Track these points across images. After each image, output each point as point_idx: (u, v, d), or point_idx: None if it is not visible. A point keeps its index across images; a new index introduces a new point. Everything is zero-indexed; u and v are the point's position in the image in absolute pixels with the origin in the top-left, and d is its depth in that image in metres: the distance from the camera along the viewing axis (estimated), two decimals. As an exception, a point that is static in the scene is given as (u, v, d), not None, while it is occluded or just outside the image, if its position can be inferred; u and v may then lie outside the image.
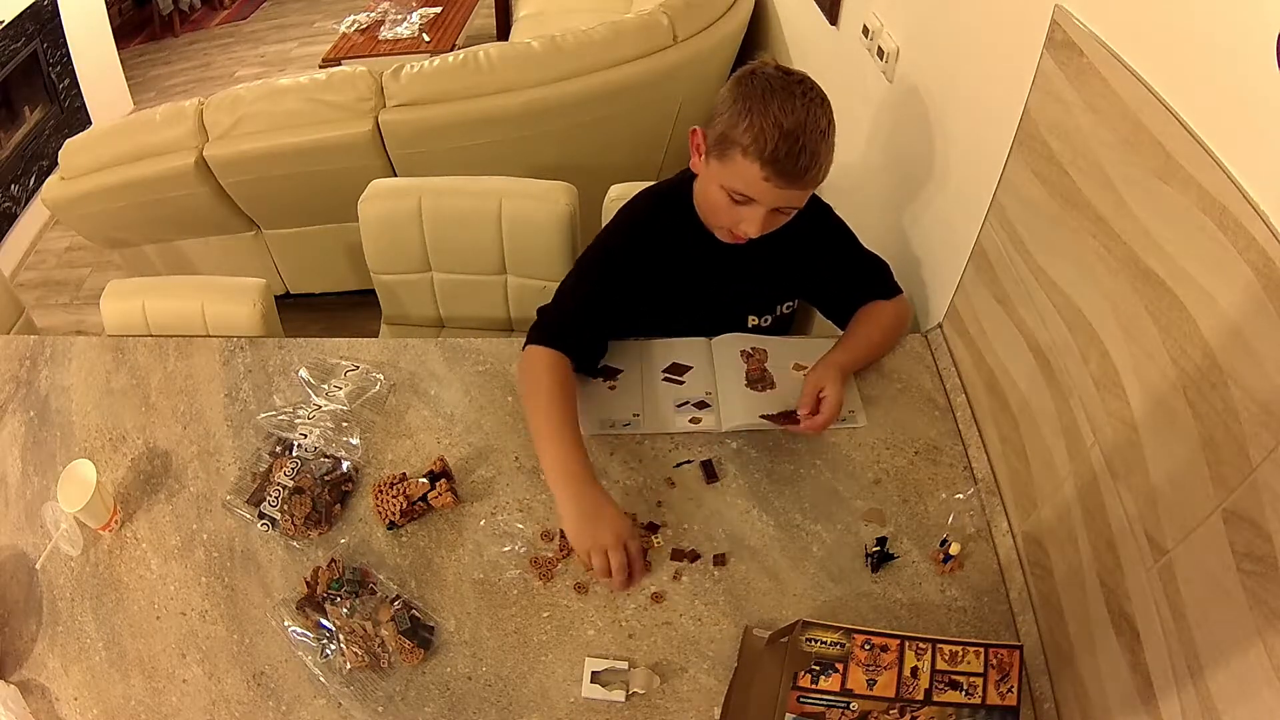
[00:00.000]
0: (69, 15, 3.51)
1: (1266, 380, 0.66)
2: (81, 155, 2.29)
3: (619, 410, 1.29)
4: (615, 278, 1.29)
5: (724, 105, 1.12)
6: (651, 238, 1.30)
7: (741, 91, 1.11)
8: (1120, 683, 0.86)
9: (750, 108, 1.08)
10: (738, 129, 1.09)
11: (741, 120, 1.09)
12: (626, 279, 1.29)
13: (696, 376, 1.33)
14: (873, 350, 1.34)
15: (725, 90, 1.14)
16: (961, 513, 1.16)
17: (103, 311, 1.58)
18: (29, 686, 1.06)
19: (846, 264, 1.36)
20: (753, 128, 1.08)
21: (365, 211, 1.72)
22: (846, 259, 1.36)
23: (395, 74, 2.16)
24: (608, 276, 1.29)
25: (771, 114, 1.07)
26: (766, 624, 1.05)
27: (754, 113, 1.08)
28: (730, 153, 1.11)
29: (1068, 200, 0.96)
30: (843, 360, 1.27)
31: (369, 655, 1.03)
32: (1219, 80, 0.72)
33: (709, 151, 1.16)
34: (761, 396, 1.28)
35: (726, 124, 1.11)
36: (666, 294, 1.34)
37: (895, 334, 1.37)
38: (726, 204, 1.16)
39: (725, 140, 1.11)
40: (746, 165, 1.10)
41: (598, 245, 1.33)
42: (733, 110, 1.10)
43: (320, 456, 1.24)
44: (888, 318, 1.35)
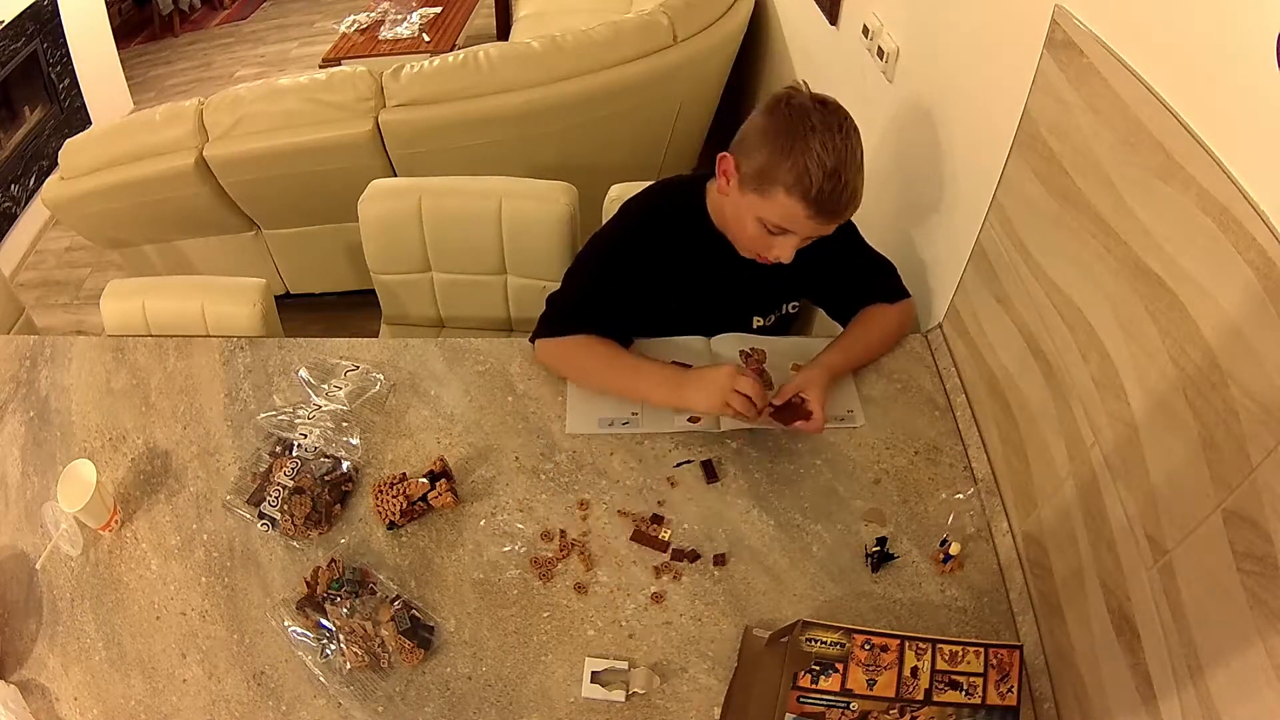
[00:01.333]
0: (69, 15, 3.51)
1: (1266, 380, 0.66)
2: (81, 155, 2.29)
3: (618, 409, 1.29)
4: (622, 266, 1.31)
5: (760, 138, 1.11)
6: (659, 232, 1.30)
7: (781, 126, 1.09)
8: (1120, 683, 0.86)
9: (793, 146, 1.08)
10: (780, 167, 1.09)
11: (784, 159, 1.08)
12: (632, 269, 1.30)
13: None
14: (869, 353, 1.34)
15: (760, 119, 1.13)
16: (961, 513, 1.16)
17: (103, 311, 1.58)
18: (29, 686, 1.06)
19: (852, 264, 1.35)
20: (796, 167, 1.07)
21: (365, 212, 1.72)
22: (853, 259, 1.35)
23: (395, 74, 2.16)
24: (615, 264, 1.31)
25: (815, 153, 1.06)
26: (766, 624, 1.05)
27: (796, 151, 1.07)
28: (771, 190, 1.11)
29: (1068, 200, 0.96)
30: (834, 361, 1.27)
31: (369, 655, 1.03)
32: (1219, 80, 0.72)
33: (744, 183, 1.15)
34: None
35: (766, 160, 1.10)
36: (671, 291, 1.34)
37: (895, 337, 1.37)
38: (760, 233, 1.17)
39: (765, 176, 1.11)
40: (790, 203, 1.10)
41: (605, 234, 1.34)
42: (773, 146, 1.09)
43: (320, 456, 1.24)
44: (889, 321, 1.35)
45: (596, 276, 1.32)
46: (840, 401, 1.29)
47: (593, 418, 1.29)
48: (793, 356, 1.34)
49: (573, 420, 1.29)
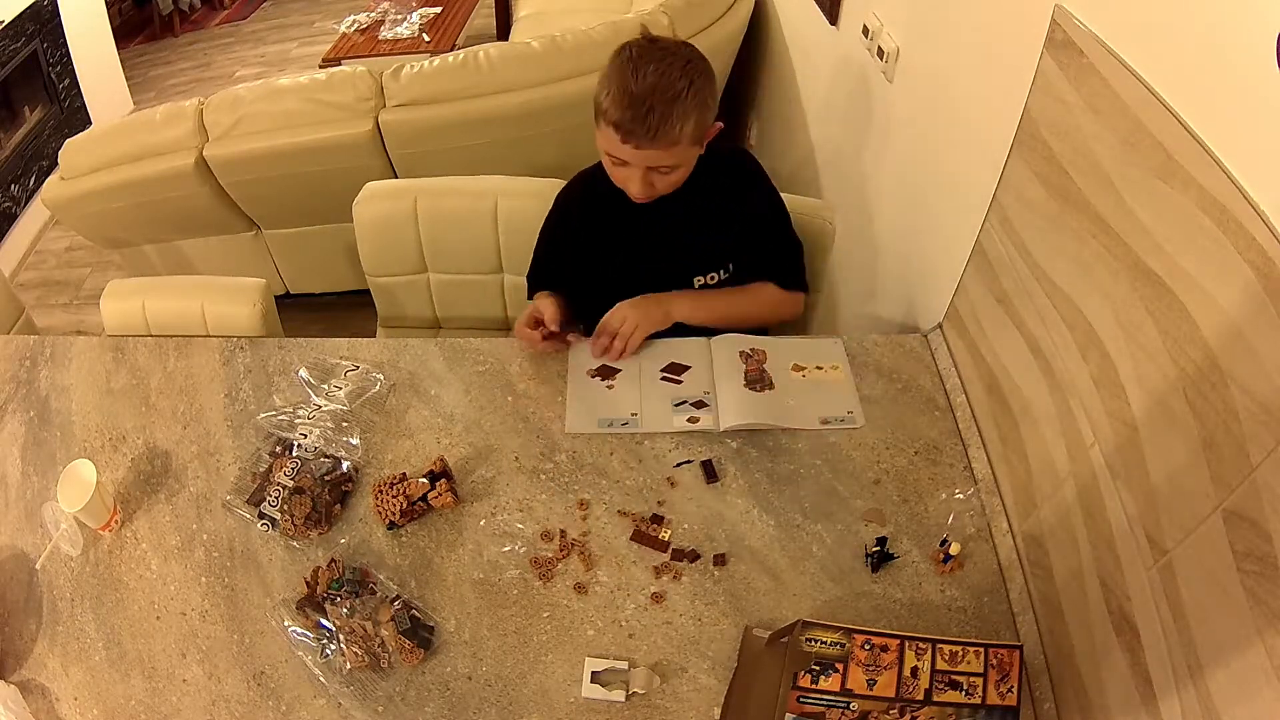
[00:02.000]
0: (69, 15, 3.51)
1: (1266, 380, 0.66)
2: (81, 155, 2.29)
3: (617, 409, 1.29)
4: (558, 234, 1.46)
5: (600, 78, 1.22)
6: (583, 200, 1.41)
7: (610, 63, 1.20)
8: (1120, 683, 0.86)
9: (610, 76, 1.19)
10: (601, 96, 1.19)
11: (604, 89, 1.19)
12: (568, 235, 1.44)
13: (694, 376, 1.33)
14: (732, 315, 1.39)
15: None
16: (961, 513, 1.16)
17: (103, 311, 1.58)
18: (29, 686, 1.06)
19: (763, 236, 1.40)
20: (609, 94, 1.17)
21: (360, 214, 1.72)
22: (765, 231, 1.40)
23: (395, 74, 2.16)
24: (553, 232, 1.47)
25: (625, 80, 1.16)
26: (766, 624, 1.05)
27: (612, 80, 1.18)
28: (599, 120, 1.21)
29: (1068, 200, 0.96)
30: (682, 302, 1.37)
31: (369, 655, 1.03)
32: (1219, 80, 0.72)
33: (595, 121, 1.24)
34: (760, 397, 1.28)
35: (597, 93, 1.21)
36: (609, 253, 1.41)
37: (769, 316, 1.43)
38: (612, 166, 1.27)
39: (596, 109, 1.21)
40: (607, 129, 1.19)
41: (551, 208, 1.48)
42: (601, 82, 1.20)
43: (320, 456, 1.24)
44: (769, 297, 1.41)
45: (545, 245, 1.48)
46: (840, 402, 1.29)
47: (592, 418, 1.29)
48: (793, 357, 1.34)
49: (572, 420, 1.29)
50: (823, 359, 1.35)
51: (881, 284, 1.71)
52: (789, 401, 1.28)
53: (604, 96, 1.18)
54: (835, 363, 1.35)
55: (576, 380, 1.35)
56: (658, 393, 1.31)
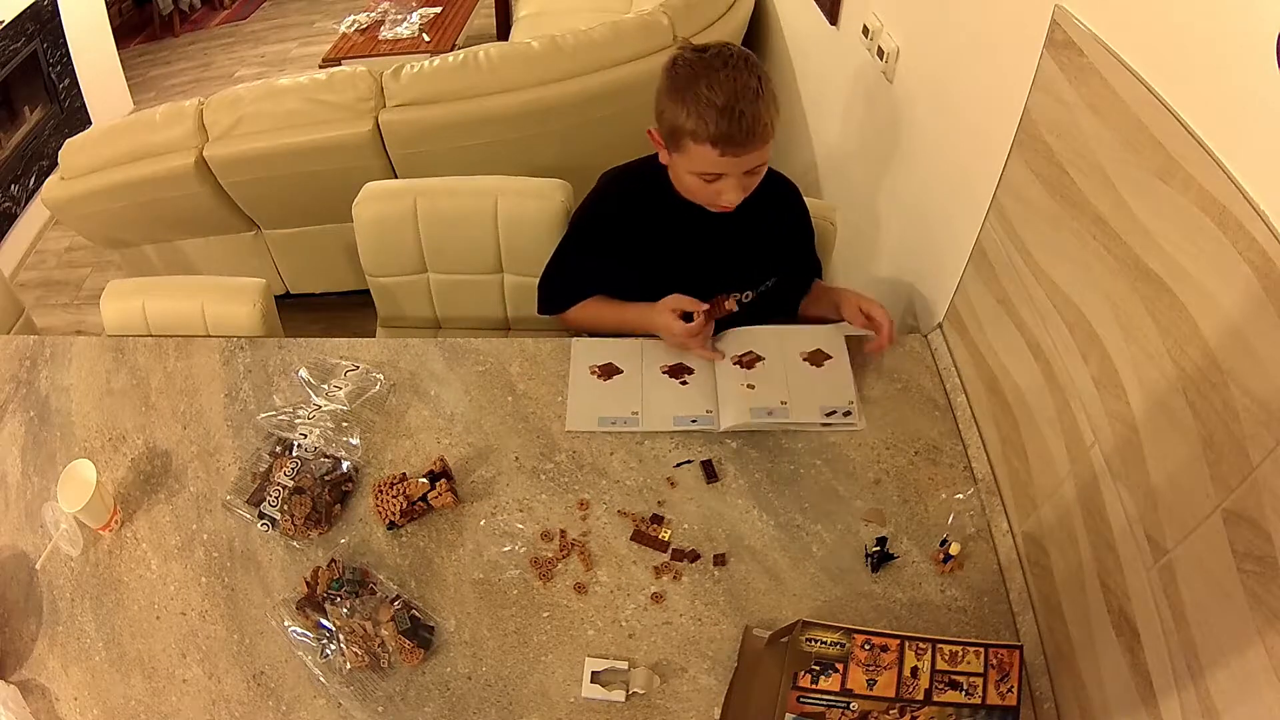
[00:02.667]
0: (69, 15, 3.51)
1: (1266, 380, 0.66)
2: (81, 155, 2.28)
3: (618, 408, 1.29)
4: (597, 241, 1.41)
5: (661, 101, 1.20)
6: (628, 208, 1.38)
7: (670, 84, 1.18)
8: (1120, 683, 0.86)
9: (684, 97, 1.15)
10: (680, 120, 1.16)
11: (680, 111, 1.15)
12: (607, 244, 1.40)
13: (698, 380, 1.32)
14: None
15: (659, 86, 1.20)
16: (961, 513, 1.16)
17: (103, 311, 1.58)
18: (29, 686, 1.06)
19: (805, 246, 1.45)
20: (692, 115, 1.14)
21: (359, 214, 1.71)
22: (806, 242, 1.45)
23: (395, 74, 2.15)
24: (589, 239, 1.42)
25: (702, 95, 1.13)
26: (766, 624, 1.05)
27: (687, 100, 1.14)
28: (684, 143, 1.18)
29: (1068, 200, 0.96)
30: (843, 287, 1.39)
31: (369, 655, 1.03)
32: (1219, 80, 0.72)
33: (668, 146, 1.23)
34: (758, 393, 1.28)
35: (670, 119, 1.18)
36: (649, 265, 1.38)
37: None
38: (702, 185, 1.23)
39: (675, 133, 1.18)
40: (700, 149, 1.16)
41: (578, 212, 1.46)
42: (671, 104, 1.17)
43: (320, 456, 1.24)
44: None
45: (578, 253, 1.43)
46: (839, 392, 1.29)
47: (593, 416, 1.29)
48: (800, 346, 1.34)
49: (573, 418, 1.29)
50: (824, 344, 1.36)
51: (882, 284, 1.71)
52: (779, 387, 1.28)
53: (685, 118, 1.14)
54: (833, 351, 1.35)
55: (578, 378, 1.35)
56: (659, 392, 1.31)
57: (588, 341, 1.40)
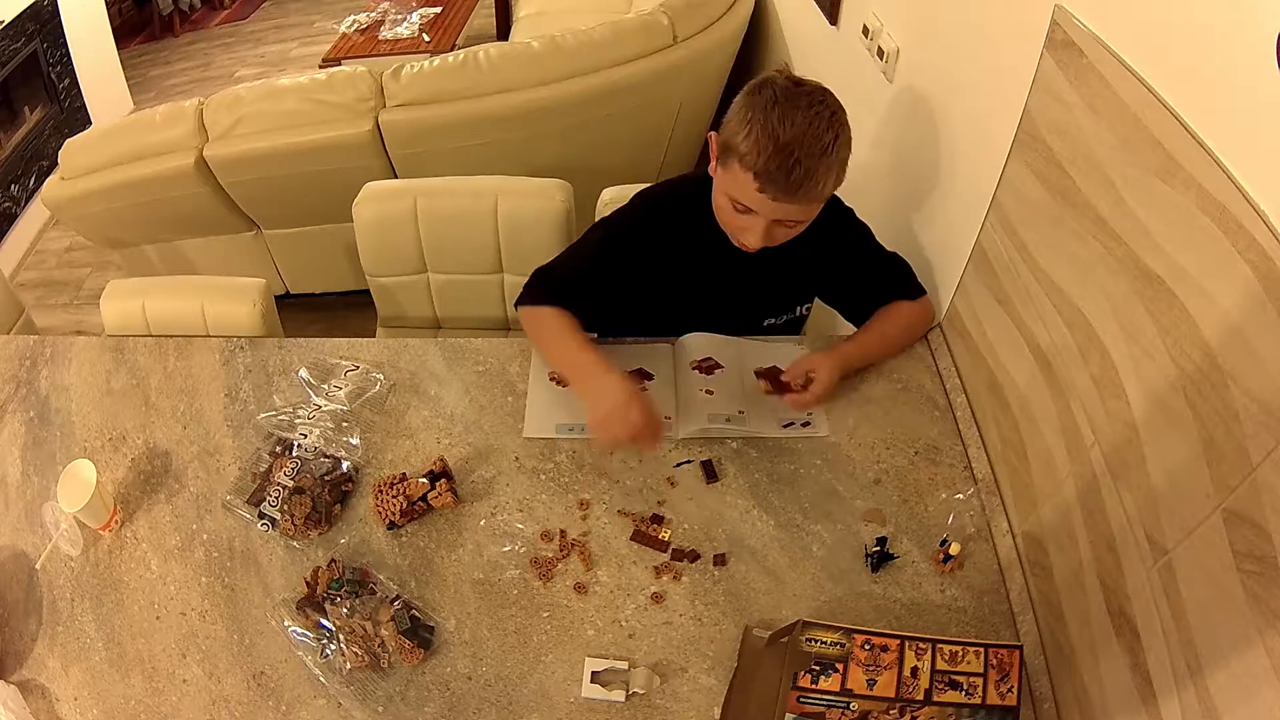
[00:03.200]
0: (69, 15, 3.51)
1: (1267, 380, 0.66)
2: (81, 155, 2.29)
3: (576, 414, 1.28)
4: (621, 256, 1.30)
5: (733, 113, 1.12)
6: (664, 227, 1.30)
7: (749, 101, 1.10)
8: (1120, 683, 0.86)
9: (752, 117, 1.08)
10: (738, 137, 1.09)
11: (742, 129, 1.08)
12: (633, 261, 1.30)
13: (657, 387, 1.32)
14: (886, 346, 1.34)
15: (738, 97, 1.13)
16: (961, 513, 1.16)
17: (103, 311, 1.58)
18: (29, 686, 1.06)
19: (867, 266, 1.35)
20: (750, 138, 1.07)
21: (360, 214, 1.72)
22: (867, 261, 1.35)
23: (395, 74, 2.16)
24: (614, 253, 1.31)
25: (770, 125, 1.06)
26: (766, 624, 1.05)
27: (754, 123, 1.07)
28: (730, 161, 1.11)
29: (1068, 200, 0.96)
30: (849, 351, 1.28)
31: (369, 655, 1.03)
32: (1219, 80, 0.72)
33: (718, 157, 1.16)
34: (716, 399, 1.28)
35: (730, 132, 1.11)
36: (677, 288, 1.34)
37: (914, 333, 1.37)
38: (731, 212, 1.17)
39: (727, 148, 1.12)
40: (743, 175, 1.10)
41: (612, 221, 1.34)
42: (738, 119, 1.10)
43: (320, 456, 1.24)
44: (906, 316, 1.35)
45: (591, 259, 1.32)
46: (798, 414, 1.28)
47: (550, 423, 1.28)
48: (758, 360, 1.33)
49: (530, 424, 1.28)
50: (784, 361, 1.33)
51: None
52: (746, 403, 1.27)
53: (742, 138, 1.08)
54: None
55: (536, 384, 1.34)
56: None
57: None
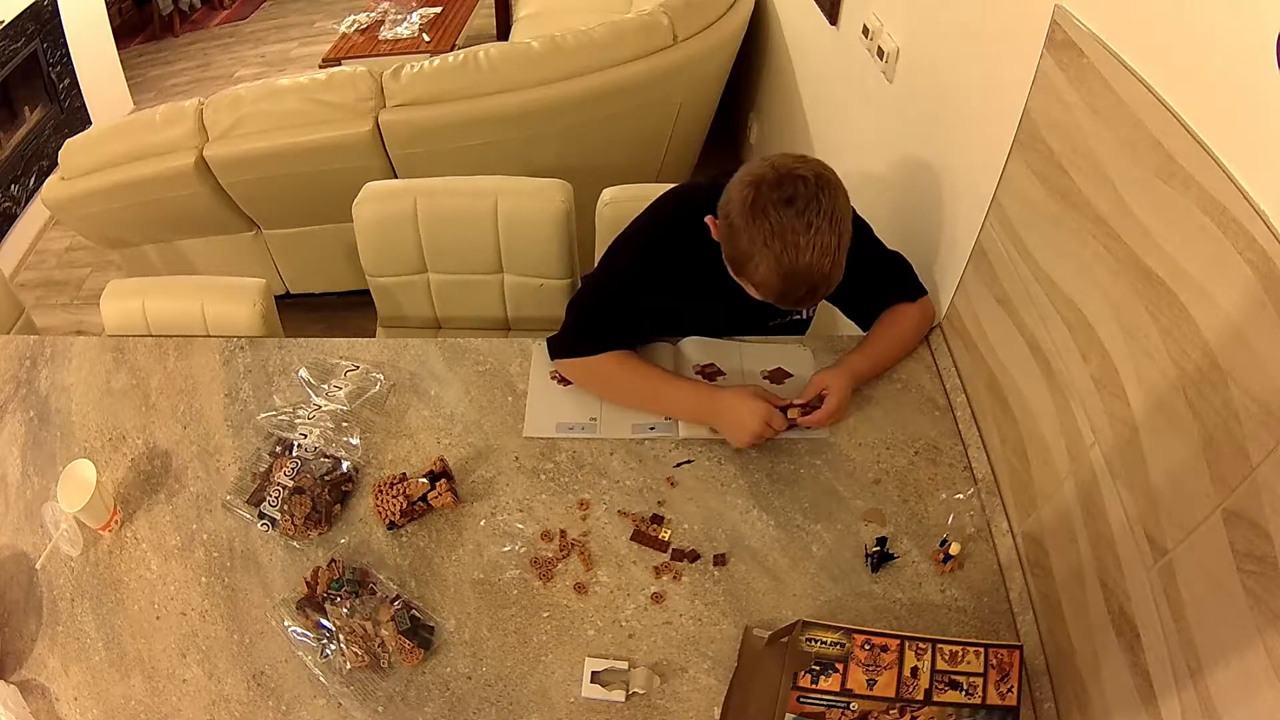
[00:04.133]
0: (69, 15, 3.51)
1: (1266, 380, 0.66)
2: (81, 155, 2.28)
3: (576, 413, 1.29)
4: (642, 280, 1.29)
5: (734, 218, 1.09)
6: (676, 244, 1.27)
7: (749, 216, 1.07)
8: (1120, 683, 0.86)
9: (756, 240, 1.06)
10: (748, 265, 1.09)
11: (751, 251, 1.08)
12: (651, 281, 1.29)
13: None
14: (892, 351, 1.34)
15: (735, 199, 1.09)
16: (961, 513, 1.16)
17: (103, 311, 1.58)
18: (29, 686, 1.06)
19: (867, 266, 1.33)
20: (761, 266, 1.07)
21: (360, 214, 1.72)
22: (869, 260, 1.33)
23: (395, 74, 2.15)
24: (636, 279, 1.29)
25: (778, 255, 1.05)
26: (766, 624, 1.05)
27: (759, 248, 1.06)
28: (742, 276, 1.13)
29: (1068, 200, 0.96)
30: (858, 365, 1.27)
31: (369, 655, 1.03)
32: (1219, 80, 0.72)
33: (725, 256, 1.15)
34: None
35: (738, 246, 1.09)
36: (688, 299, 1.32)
37: (918, 335, 1.37)
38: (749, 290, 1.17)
39: (738, 266, 1.12)
40: (759, 293, 1.12)
41: (624, 246, 1.32)
42: (742, 233, 1.08)
43: (320, 456, 1.24)
44: (909, 319, 1.35)
45: (619, 293, 1.30)
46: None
47: (550, 422, 1.28)
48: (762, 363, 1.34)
49: (530, 424, 1.28)
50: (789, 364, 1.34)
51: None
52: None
53: (754, 265, 1.07)
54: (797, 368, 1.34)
55: (536, 384, 1.34)
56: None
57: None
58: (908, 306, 1.35)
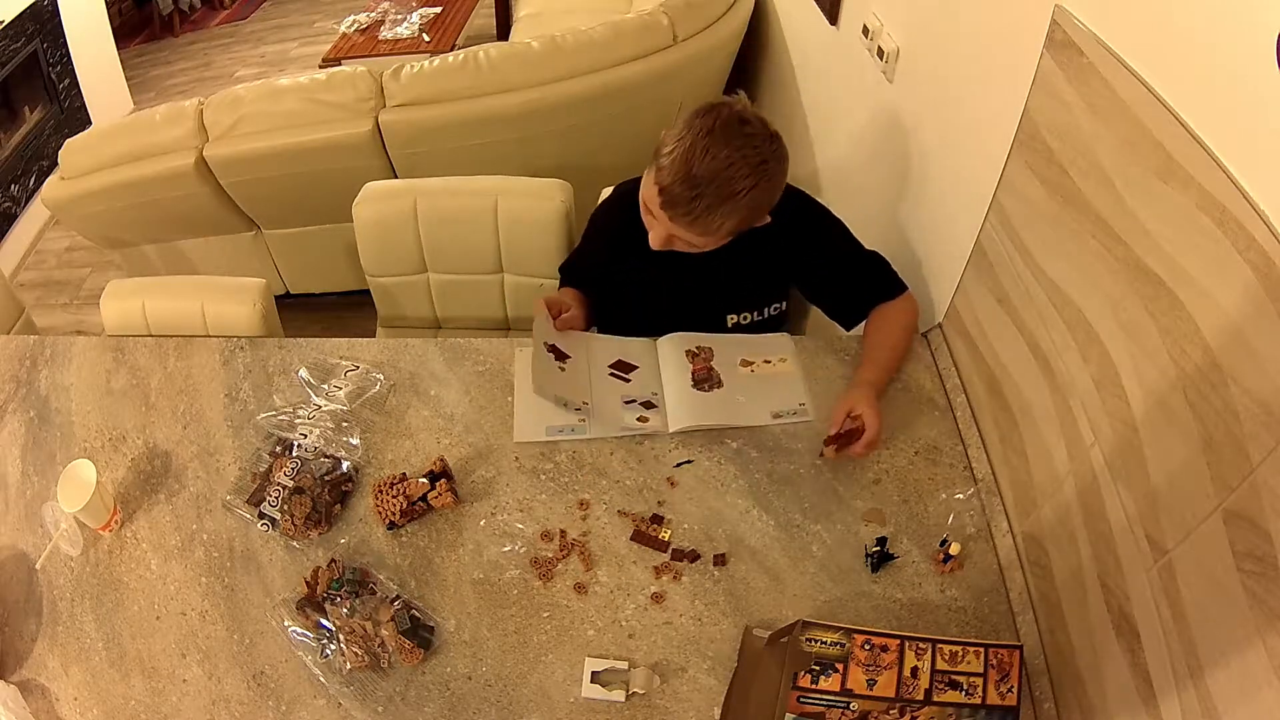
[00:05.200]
0: (69, 15, 3.51)
1: (1266, 380, 0.66)
2: (81, 155, 2.29)
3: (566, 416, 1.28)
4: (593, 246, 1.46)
5: (675, 122, 1.14)
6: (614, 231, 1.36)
7: (690, 121, 1.12)
8: (1120, 683, 0.86)
9: (681, 137, 1.10)
10: (664, 150, 1.13)
11: (670, 143, 1.12)
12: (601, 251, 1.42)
13: (641, 376, 1.33)
14: (894, 354, 1.34)
15: (689, 112, 1.14)
16: (961, 513, 1.16)
17: (103, 311, 1.58)
18: (29, 686, 1.06)
19: (844, 264, 1.35)
20: (670, 155, 1.11)
21: (360, 214, 1.72)
22: (843, 259, 1.35)
23: (395, 74, 2.15)
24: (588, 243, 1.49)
25: (691, 153, 1.09)
26: (766, 624, 1.05)
27: (680, 143, 1.10)
28: (652, 165, 1.16)
29: (1068, 200, 0.96)
30: (872, 378, 1.28)
31: (369, 655, 1.03)
32: (1219, 80, 0.72)
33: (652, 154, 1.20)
34: (709, 396, 1.28)
35: (662, 140, 1.14)
36: (637, 281, 1.37)
37: (910, 330, 1.37)
38: (643, 208, 1.22)
39: (655, 153, 1.15)
40: (653, 185, 1.15)
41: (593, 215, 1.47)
42: (674, 132, 1.13)
43: (320, 456, 1.24)
44: (899, 318, 1.35)
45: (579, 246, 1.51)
46: (790, 395, 1.29)
47: (540, 426, 1.28)
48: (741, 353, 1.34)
49: (520, 429, 1.28)
50: (770, 353, 1.35)
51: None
52: (738, 398, 1.27)
53: (665, 152, 1.12)
54: (783, 355, 1.35)
55: (523, 390, 1.33)
56: (607, 389, 1.31)
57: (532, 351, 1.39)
58: (893, 306, 1.35)
